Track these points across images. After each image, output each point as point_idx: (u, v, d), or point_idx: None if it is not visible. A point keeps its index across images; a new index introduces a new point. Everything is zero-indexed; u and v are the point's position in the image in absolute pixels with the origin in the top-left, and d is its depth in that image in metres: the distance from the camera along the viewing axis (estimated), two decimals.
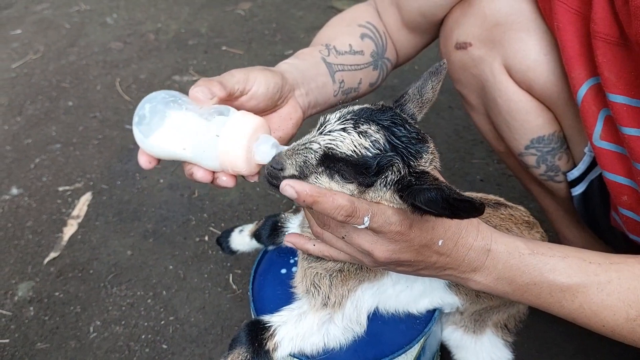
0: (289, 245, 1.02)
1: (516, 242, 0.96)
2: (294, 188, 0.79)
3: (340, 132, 0.84)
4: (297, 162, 0.86)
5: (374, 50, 1.35)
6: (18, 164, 2.51)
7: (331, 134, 0.85)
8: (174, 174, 2.38)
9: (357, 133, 0.83)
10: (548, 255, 0.95)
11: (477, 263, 0.94)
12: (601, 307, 0.93)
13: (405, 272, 0.97)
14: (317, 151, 0.84)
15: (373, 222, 0.83)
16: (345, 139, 0.83)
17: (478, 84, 1.33)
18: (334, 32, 1.35)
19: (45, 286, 1.93)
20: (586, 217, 1.41)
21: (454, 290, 1.16)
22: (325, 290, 1.05)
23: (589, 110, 1.14)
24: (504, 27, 1.23)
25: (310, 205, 0.80)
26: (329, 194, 0.80)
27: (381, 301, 1.12)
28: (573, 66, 1.13)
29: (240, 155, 0.89)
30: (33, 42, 3.49)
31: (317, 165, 0.85)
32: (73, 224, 2.18)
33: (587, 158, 1.29)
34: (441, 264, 0.93)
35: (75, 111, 2.84)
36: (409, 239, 0.86)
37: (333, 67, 1.25)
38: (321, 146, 0.84)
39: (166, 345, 1.72)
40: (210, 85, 0.92)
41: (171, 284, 1.91)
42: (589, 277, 0.94)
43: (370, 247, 0.88)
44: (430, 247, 0.89)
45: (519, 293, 0.96)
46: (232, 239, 1.40)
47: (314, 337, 1.06)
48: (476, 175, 2.26)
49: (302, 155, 0.85)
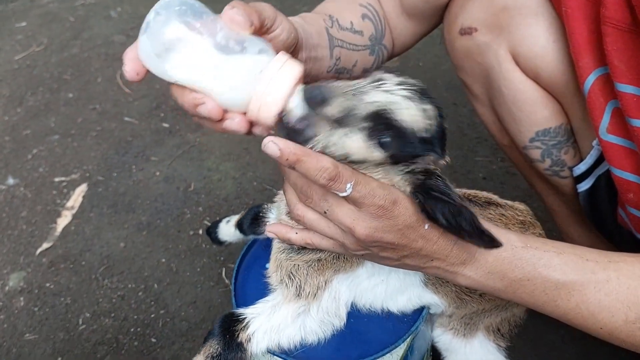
0: (271, 236, 0.96)
1: (508, 235, 0.90)
2: (277, 145, 0.73)
3: (404, 98, 0.77)
4: (346, 105, 0.76)
5: (373, 34, 1.29)
6: (16, 154, 2.48)
7: (392, 94, 0.77)
8: (171, 167, 2.34)
9: (420, 109, 0.77)
10: (542, 250, 0.89)
11: (466, 255, 0.88)
12: (598, 308, 0.87)
13: (389, 259, 0.90)
14: (371, 104, 0.76)
15: (356, 190, 0.78)
16: (410, 108, 0.76)
17: (482, 72, 1.27)
18: (336, 6, 1.26)
19: (37, 277, 1.90)
20: (592, 215, 1.35)
21: (430, 288, 1.10)
22: (301, 279, 1.00)
23: (596, 102, 1.08)
24: (512, 12, 1.17)
25: (293, 164, 0.74)
26: (314, 154, 0.75)
27: (357, 294, 1.07)
28: (581, 54, 1.08)
29: (278, 103, 0.77)
30: (37, 35, 3.47)
31: (363, 119, 0.76)
32: (67, 215, 2.15)
33: (595, 152, 1.24)
34: (427, 252, 0.87)
35: (75, 103, 2.82)
36: (393, 216, 0.81)
37: (334, 42, 1.17)
38: (378, 102, 0.76)
39: (155, 339, 1.67)
40: (249, 11, 0.80)
41: (163, 277, 1.87)
42: (585, 275, 0.88)
43: (351, 223, 0.82)
44: (415, 229, 0.83)
45: (511, 290, 0.90)
46: (219, 230, 1.36)
47: (289, 330, 1.01)
48: (479, 173, 2.21)
49: (352, 101, 0.77)
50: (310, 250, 1.00)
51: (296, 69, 0.79)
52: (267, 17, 0.86)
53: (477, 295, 1.12)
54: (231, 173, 2.29)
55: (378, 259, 0.92)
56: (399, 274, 1.06)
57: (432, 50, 2.86)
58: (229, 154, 2.40)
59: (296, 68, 0.79)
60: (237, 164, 2.34)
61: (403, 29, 1.36)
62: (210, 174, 2.30)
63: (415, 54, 2.93)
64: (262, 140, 0.78)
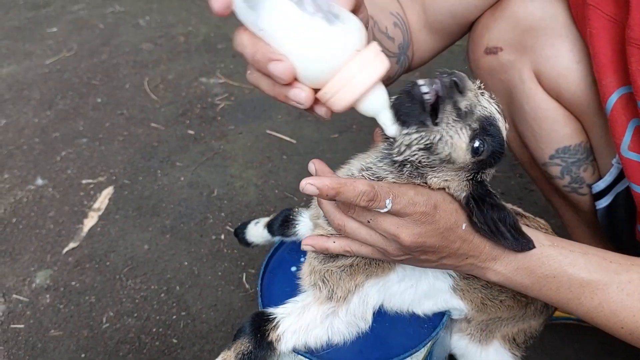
0: (308, 249, 0.99)
1: (536, 233, 0.94)
2: (314, 186, 0.76)
3: (499, 113, 0.84)
4: (472, 101, 0.81)
5: (401, 43, 1.31)
6: (45, 155, 2.56)
7: (493, 106, 0.83)
8: (195, 173, 2.40)
9: (505, 126, 0.86)
10: (568, 249, 0.93)
11: (497, 251, 0.92)
12: (620, 307, 0.90)
13: (428, 262, 0.94)
14: (484, 109, 0.81)
15: (395, 204, 0.81)
16: (504, 123, 0.84)
17: (505, 90, 1.30)
18: (372, 9, 1.23)
19: (63, 275, 1.96)
20: (609, 232, 1.37)
21: (458, 294, 1.12)
22: (333, 284, 1.03)
23: (618, 120, 1.11)
24: (537, 32, 1.20)
25: (333, 197, 0.78)
26: (349, 181, 0.79)
27: (386, 298, 1.10)
28: (604, 73, 1.10)
29: (356, 93, 0.72)
30: (67, 40, 3.58)
31: (475, 120, 0.81)
32: (94, 216, 2.21)
33: (615, 170, 1.25)
34: (464, 251, 0.91)
35: (103, 108, 2.90)
36: (435, 221, 0.85)
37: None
38: (488, 108, 0.81)
39: (176, 340, 1.72)
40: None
41: (185, 279, 1.91)
42: (609, 275, 0.91)
43: (396, 230, 0.85)
44: (454, 230, 0.87)
45: (537, 286, 0.94)
46: (247, 231, 1.40)
47: (317, 330, 1.04)
48: (497, 188, 2.21)
49: (476, 99, 0.81)
50: (343, 256, 1.02)
51: (386, 64, 0.74)
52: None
53: (497, 300, 1.15)
54: (253, 180, 2.34)
55: (417, 262, 0.96)
56: (428, 279, 1.08)
57: (455, 65, 2.88)
58: (251, 161, 2.45)
59: (386, 63, 0.74)
60: (259, 171, 2.39)
61: (423, 43, 1.39)
62: (233, 181, 2.35)
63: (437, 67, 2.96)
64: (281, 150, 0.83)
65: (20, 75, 3.20)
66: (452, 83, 0.78)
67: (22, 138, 2.68)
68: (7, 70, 3.26)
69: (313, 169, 0.85)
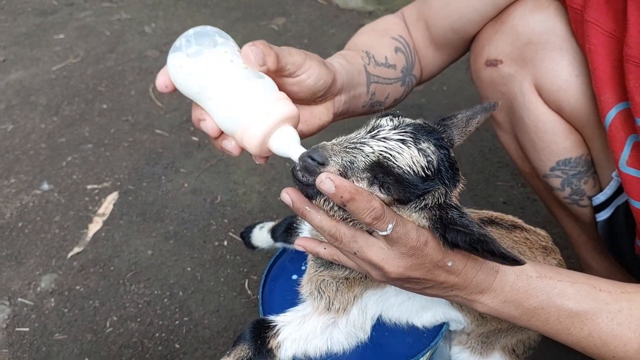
0: (300, 249, 1.00)
1: (523, 266, 0.93)
2: (334, 182, 0.75)
3: (399, 143, 0.79)
4: (344, 161, 0.80)
5: (404, 66, 1.35)
6: (51, 161, 2.59)
7: (387, 141, 0.80)
8: (198, 179, 2.42)
9: (417, 149, 0.79)
10: (556, 280, 0.93)
11: (484, 285, 0.92)
12: (611, 337, 0.90)
13: (412, 289, 0.95)
14: (369, 156, 0.79)
15: (394, 231, 0.82)
16: (404, 152, 0.79)
17: (506, 102, 1.32)
18: (371, 40, 1.32)
19: (67, 279, 1.98)
20: (610, 244, 1.38)
21: (456, 307, 1.14)
22: (330, 295, 1.04)
23: (617, 135, 1.12)
24: (537, 46, 1.22)
25: (346, 201, 0.77)
26: (366, 193, 0.79)
27: (384, 309, 1.11)
28: (603, 89, 1.12)
29: (257, 137, 0.84)
30: (74, 47, 3.61)
31: (364, 170, 0.80)
32: (98, 221, 2.23)
33: (615, 183, 1.27)
34: (449, 284, 0.91)
35: (108, 114, 2.93)
36: (422, 256, 0.85)
37: (370, 78, 1.23)
38: (375, 152, 0.79)
39: (179, 345, 1.73)
40: (267, 52, 0.87)
41: (188, 285, 1.93)
42: (598, 305, 0.91)
43: (382, 262, 0.86)
44: (441, 267, 0.88)
45: (526, 318, 0.94)
46: (253, 235, 1.42)
47: (317, 340, 1.05)
48: (499, 197, 2.24)
49: (351, 155, 0.80)
50: (338, 267, 1.04)
51: (285, 110, 0.85)
52: (290, 62, 0.93)
53: None
54: (256, 187, 2.36)
55: (401, 287, 0.97)
56: None
57: (456, 76, 2.91)
58: (254, 168, 2.47)
59: (285, 109, 0.85)
60: (262, 178, 2.41)
61: (431, 58, 1.42)
62: (236, 187, 2.37)
63: (440, 78, 2.98)
64: (284, 157, 0.86)
65: (27, 81, 3.23)
66: (304, 166, 0.80)
67: (29, 143, 2.71)
68: (15, 76, 3.30)
69: (288, 200, 0.86)
